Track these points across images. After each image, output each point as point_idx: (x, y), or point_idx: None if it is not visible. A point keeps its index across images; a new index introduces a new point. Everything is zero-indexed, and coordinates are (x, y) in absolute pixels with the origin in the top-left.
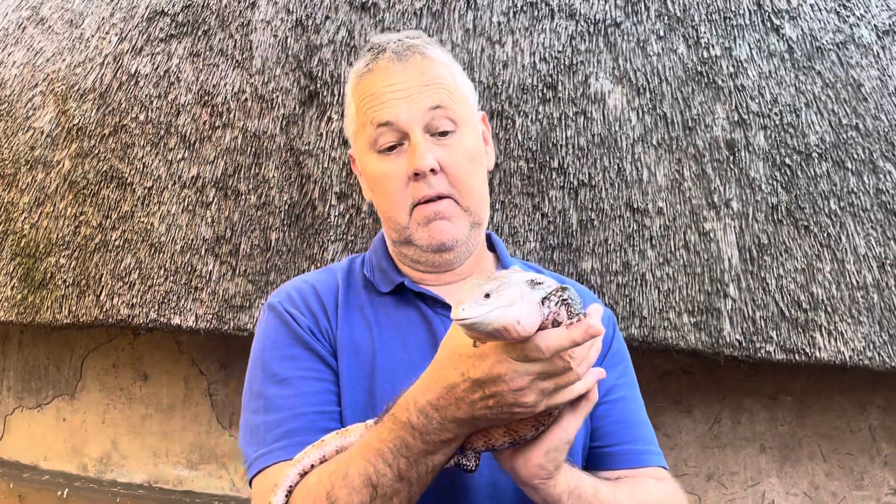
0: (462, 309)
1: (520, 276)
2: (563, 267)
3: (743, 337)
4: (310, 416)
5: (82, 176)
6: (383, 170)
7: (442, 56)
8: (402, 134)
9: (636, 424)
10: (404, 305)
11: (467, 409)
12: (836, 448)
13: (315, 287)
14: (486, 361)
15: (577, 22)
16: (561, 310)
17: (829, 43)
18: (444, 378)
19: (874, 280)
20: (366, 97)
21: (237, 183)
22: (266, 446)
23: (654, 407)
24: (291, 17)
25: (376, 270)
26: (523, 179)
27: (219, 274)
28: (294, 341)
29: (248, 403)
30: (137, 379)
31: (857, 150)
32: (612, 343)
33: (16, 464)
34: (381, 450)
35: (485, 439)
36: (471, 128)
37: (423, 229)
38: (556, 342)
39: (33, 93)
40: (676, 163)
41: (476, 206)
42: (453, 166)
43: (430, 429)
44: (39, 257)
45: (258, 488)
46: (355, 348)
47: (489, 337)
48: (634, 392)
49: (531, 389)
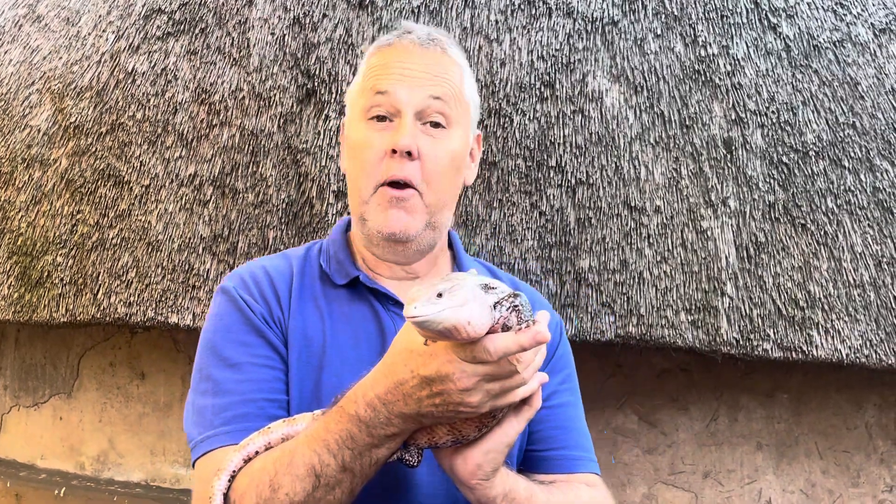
0: (414, 307)
1: (474, 280)
2: (561, 265)
3: (740, 335)
4: (259, 403)
5: (79, 174)
6: (366, 137)
7: (459, 59)
8: (395, 110)
9: (573, 431)
10: (357, 300)
11: (414, 405)
12: (832, 445)
13: (270, 273)
14: (435, 360)
15: (575, 20)
16: (511, 315)
17: (825, 41)
18: (393, 373)
19: (871, 278)
20: (377, 66)
21: (235, 181)
22: (213, 429)
23: (652, 405)
24: (289, 14)
25: (333, 262)
26: (521, 178)
27: (216, 272)
28: (247, 327)
29: (196, 385)
30: (135, 377)
31: (854, 149)
32: (558, 349)
33: (13, 462)
34: (327, 440)
35: (428, 436)
36: (462, 133)
37: (380, 212)
38: (504, 346)
39: (30, 91)
40: (674, 161)
41: (438, 206)
42: (431, 158)
43: (376, 422)
44: (36, 256)
45: (201, 471)
46: (306, 340)
47: (439, 336)
48: (575, 398)
49: (477, 390)
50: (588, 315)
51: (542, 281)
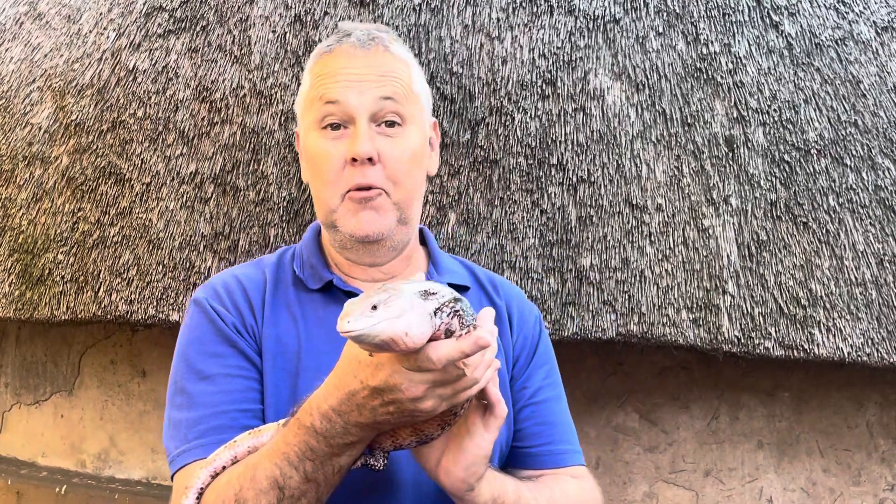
0: (347, 321)
1: (412, 287)
2: (563, 263)
3: (742, 333)
4: (231, 414)
5: (80, 172)
6: (323, 149)
7: (404, 54)
8: (349, 117)
9: (558, 425)
10: (332, 303)
11: (369, 414)
12: (833, 444)
13: (241, 282)
14: (382, 371)
15: (577, 18)
16: (453, 320)
17: (828, 39)
18: (344, 384)
19: (872, 276)
20: (321, 75)
21: (236, 179)
22: (187, 443)
23: (653, 403)
24: (290, 12)
25: (306, 266)
26: (522, 176)
27: (217, 270)
28: (219, 338)
29: (171, 398)
30: (136, 375)
31: (856, 147)
32: (539, 345)
33: (14, 460)
34: (287, 453)
35: (392, 439)
36: (418, 128)
37: (350, 216)
38: (447, 353)
39: (31, 89)
40: (675, 159)
41: (407, 204)
42: (392, 160)
43: (333, 433)
44: (37, 253)
45: (176, 486)
46: (281, 347)
47: (377, 349)
48: (558, 392)
49: (429, 396)
50: (589, 313)
51: (544, 279)
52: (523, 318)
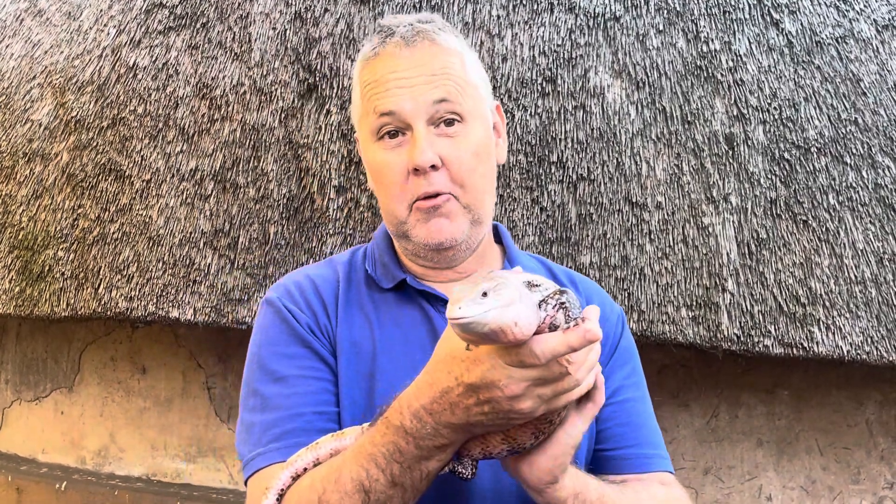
0: (458, 307)
1: (517, 277)
2: (562, 261)
3: (741, 331)
4: (307, 417)
5: (80, 169)
6: (383, 160)
7: (453, 43)
8: (405, 124)
9: (643, 427)
10: (406, 303)
11: (462, 414)
12: (832, 442)
13: (314, 282)
14: (480, 366)
15: (577, 15)
16: (558, 314)
17: (828, 37)
18: (438, 382)
19: (872, 275)
20: (370, 83)
21: (236, 176)
22: (262, 446)
23: (652, 401)
24: (290, 9)
25: (378, 265)
26: (522, 173)
27: (217, 267)
28: (293, 339)
29: (245, 401)
30: (135, 372)
31: (856, 145)
32: (621, 342)
33: (14, 456)
34: (374, 454)
35: (482, 446)
36: (480, 121)
37: (421, 226)
38: (552, 348)
39: (31, 85)
40: (675, 157)
41: (477, 204)
42: (456, 162)
43: (423, 434)
44: (37, 250)
45: (252, 490)
46: (356, 348)
47: (484, 339)
48: (642, 392)
49: (528, 396)
50: None
51: None
52: (604, 317)
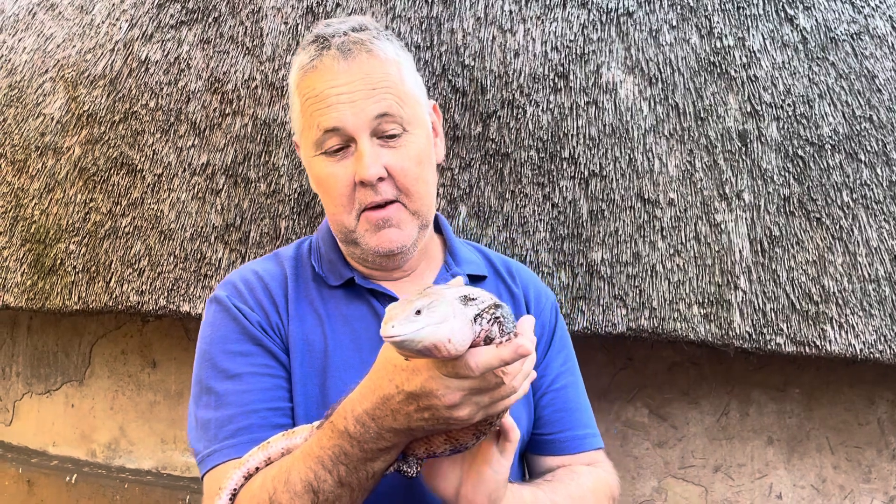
0: (391, 326)
1: (453, 292)
2: (573, 257)
3: (753, 329)
4: (262, 413)
5: (92, 162)
6: (329, 173)
7: (390, 52)
8: (349, 138)
9: (576, 411)
10: (355, 299)
11: (403, 420)
12: (844, 441)
13: (263, 279)
14: (419, 376)
15: (590, 11)
16: (493, 327)
17: (843, 34)
18: (379, 388)
19: (886, 273)
20: (310, 97)
21: (247, 171)
22: (217, 442)
23: (662, 398)
24: (302, 4)
25: (325, 262)
26: (534, 169)
27: (228, 262)
28: (244, 337)
29: (197, 397)
30: (146, 366)
31: (871, 142)
32: (556, 330)
33: (24, 449)
34: (321, 456)
35: (426, 446)
36: (420, 128)
37: (371, 235)
38: (486, 361)
39: (43, 79)
40: (688, 154)
41: (424, 209)
42: (401, 171)
43: (367, 437)
44: (49, 243)
45: (208, 487)
46: (308, 345)
47: (419, 355)
48: (576, 377)
49: (465, 404)
50: (600, 308)
51: (554, 273)
52: (540, 305)
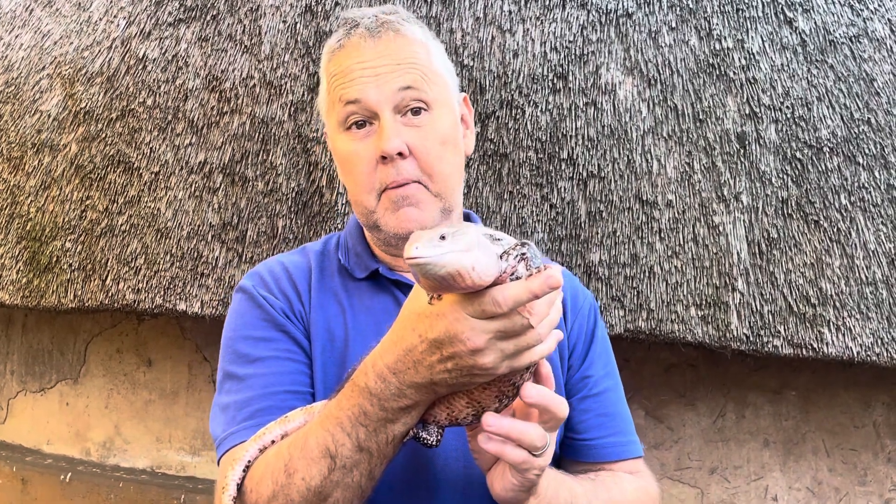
0: (416, 247)
1: (479, 229)
2: (571, 258)
3: (750, 331)
4: (281, 395)
5: (89, 160)
6: (351, 150)
7: (418, 34)
8: (372, 113)
9: (617, 416)
10: (379, 292)
11: (426, 372)
12: (839, 444)
13: (288, 269)
14: (443, 320)
15: (589, 12)
16: (519, 265)
17: (842, 36)
18: (401, 340)
19: (883, 276)
20: (336, 74)
21: (244, 169)
22: (235, 425)
23: (658, 400)
24: (301, 2)
25: (351, 254)
26: (532, 170)
27: (225, 260)
28: (267, 324)
29: (220, 385)
30: (141, 364)
31: (869, 145)
32: (596, 331)
33: (19, 447)
34: (340, 418)
35: (447, 411)
36: (446, 109)
37: (390, 215)
38: (514, 294)
39: (40, 76)
40: (686, 155)
41: (447, 192)
42: (423, 150)
43: (387, 394)
44: (45, 241)
45: (222, 469)
46: (329, 334)
47: (441, 283)
48: (615, 381)
49: (490, 349)
50: None
51: None
52: (577, 306)
